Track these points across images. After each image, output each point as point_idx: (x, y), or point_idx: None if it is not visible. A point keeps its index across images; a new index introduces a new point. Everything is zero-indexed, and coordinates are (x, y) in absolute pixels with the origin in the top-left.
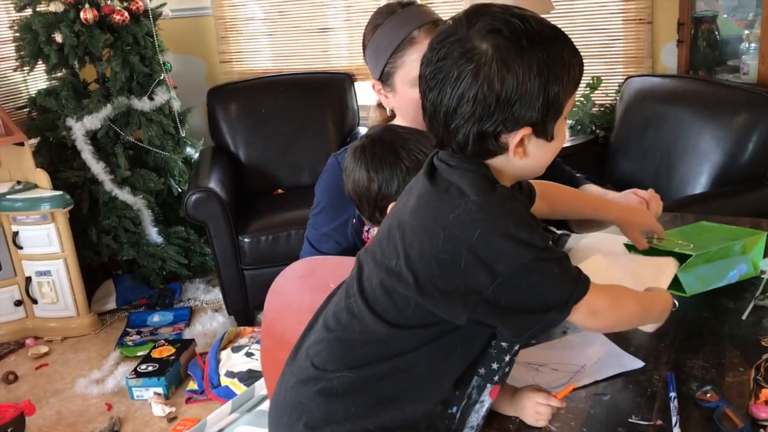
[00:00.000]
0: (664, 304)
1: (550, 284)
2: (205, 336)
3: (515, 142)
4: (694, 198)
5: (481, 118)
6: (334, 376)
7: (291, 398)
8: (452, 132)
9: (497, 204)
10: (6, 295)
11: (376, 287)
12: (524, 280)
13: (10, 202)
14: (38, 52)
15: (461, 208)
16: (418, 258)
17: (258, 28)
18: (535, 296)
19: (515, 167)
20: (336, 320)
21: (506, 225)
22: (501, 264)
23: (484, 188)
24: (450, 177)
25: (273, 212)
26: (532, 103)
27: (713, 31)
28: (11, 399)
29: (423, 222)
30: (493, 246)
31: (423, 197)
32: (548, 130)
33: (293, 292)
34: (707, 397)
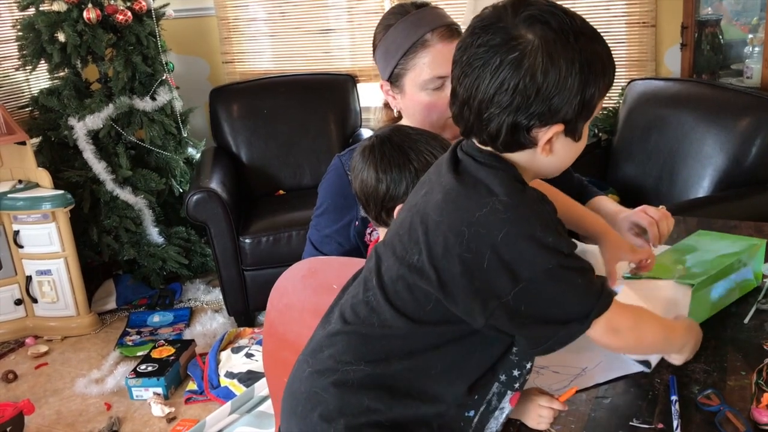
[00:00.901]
0: (687, 336)
1: (573, 294)
2: (205, 336)
3: (546, 138)
4: (697, 202)
5: (518, 109)
6: (351, 368)
7: (305, 389)
8: (485, 121)
9: (526, 206)
10: (6, 294)
11: (396, 281)
12: (546, 287)
13: (11, 201)
14: (41, 52)
15: (488, 207)
16: (441, 255)
17: (261, 29)
18: (555, 306)
19: (539, 165)
20: (354, 313)
21: (533, 228)
22: (524, 268)
23: (514, 189)
24: (477, 173)
25: (274, 213)
26: (570, 99)
27: (717, 34)
28: (10, 398)
29: (449, 219)
30: (517, 248)
31: (449, 194)
32: (578, 129)
33: (296, 292)
34: (709, 401)
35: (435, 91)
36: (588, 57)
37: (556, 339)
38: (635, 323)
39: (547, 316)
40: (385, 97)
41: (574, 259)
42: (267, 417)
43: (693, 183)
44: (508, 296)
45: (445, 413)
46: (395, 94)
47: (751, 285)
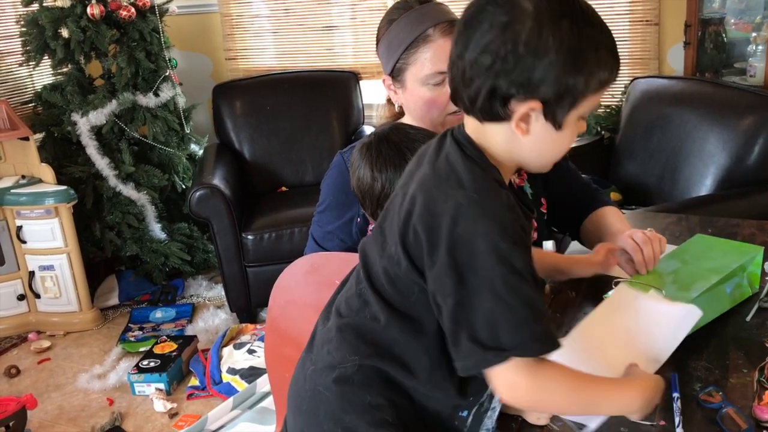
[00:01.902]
0: (636, 395)
1: (507, 319)
2: (207, 332)
3: (521, 112)
4: (699, 200)
5: (497, 73)
6: (348, 364)
7: (309, 387)
8: (467, 81)
9: (490, 206)
10: (9, 290)
11: (381, 274)
12: (483, 298)
13: (14, 196)
14: (44, 47)
15: (453, 199)
16: (413, 244)
17: (264, 26)
18: (486, 324)
19: (519, 149)
20: (348, 306)
21: (490, 229)
22: (471, 272)
23: (485, 186)
24: (455, 164)
25: (276, 210)
26: (551, 78)
27: (720, 33)
28: (13, 393)
29: (419, 208)
30: (469, 249)
31: (424, 183)
32: (558, 115)
33: (298, 288)
34: (710, 398)
35: (436, 86)
36: (581, 45)
37: (474, 362)
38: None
39: (473, 333)
40: (387, 92)
41: (524, 281)
42: (269, 413)
43: (695, 181)
44: (451, 297)
45: (441, 413)
46: (397, 89)
47: (745, 293)
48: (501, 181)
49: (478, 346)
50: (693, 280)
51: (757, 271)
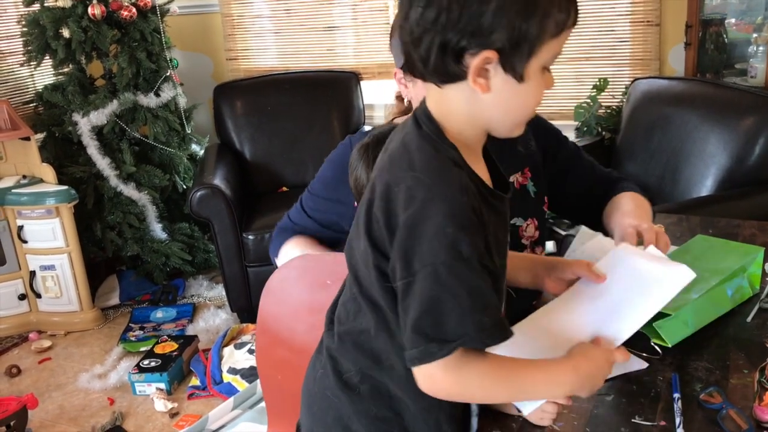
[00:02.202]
0: (557, 382)
1: (451, 308)
2: (208, 332)
3: (476, 65)
4: (700, 201)
5: (444, 26)
6: (352, 373)
7: (319, 389)
8: (415, 42)
9: (439, 187)
10: (10, 289)
11: (358, 269)
12: (427, 286)
13: (15, 196)
14: (45, 47)
15: (403, 182)
16: (377, 234)
17: (265, 26)
18: (430, 312)
19: (480, 110)
20: (345, 311)
21: (436, 212)
22: (416, 258)
23: (436, 167)
24: (409, 144)
25: (277, 210)
26: (502, 23)
27: (721, 33)
28: (14, 392)
29: (377, 191)
30: (416, 232)
31: (381, 171)
32: (517, 65)
33: (288, 290)
34: (711, 399)
35: None
36: None
37: (419, 354)
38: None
39: (418, 321)
40: (398, 86)
41: (470, 269)
42: None
43: (696, 182)
44: (400, 283)
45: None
46: (407, 83)
47: (746, 294)
48: (456, 159)
49: (422, 336)
50: (694, 281)
51: (757, 272)
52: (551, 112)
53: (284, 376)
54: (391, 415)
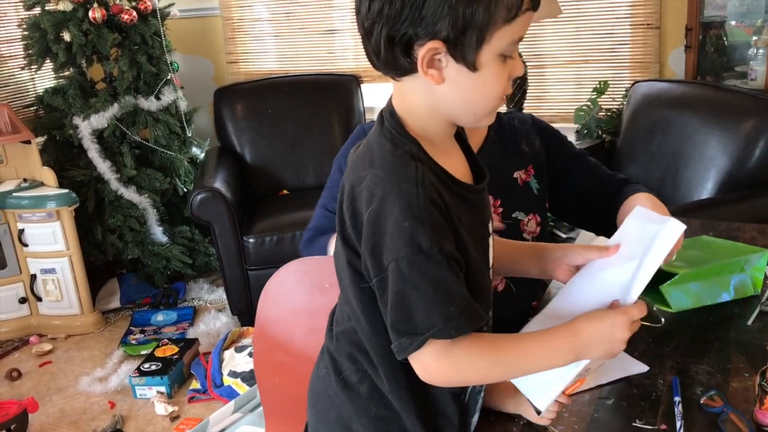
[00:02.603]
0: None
1: (417, 302)
2: (208, 335)
3: (423, 55)
4: (700, 203)
5: (388, 18)
6: (349, 372)
7: (322, 389)
8: (368, 35)
9: (394, 182)
10: (11, 293)
11: (343, 277)
12: (393, 282)
13: (16, 199)
14: (46, 51)
15: (364, 181)
16: (350, 234)
17: (265, 30)
18: (399, 308)
19: (438, 102)
20: (341, 313)
21: (392, 207)
22: (384, 254)
23: (392, 162)
24: (371, 142)
25: (278, 213)
26: (445, 11)
27: (721, 36)
28: (15, 396)
29: (345, 192)
30: (379, 227)
31: (348, 171)
32: (467, 54)
33: (286, 294)
34: (712, 402)
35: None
36: None
37: (397, 347)
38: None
39: (391, 316)
40: None
41: (431, 261)
42: None
43: (697, 185)
44: (373, 282)
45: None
46: None
47: (748, 291)
48: (414, 153)
49: (395, 331)
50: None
51: (760, 274)
52: (551, 115)
53: (282, 380)
54: (390, 415)
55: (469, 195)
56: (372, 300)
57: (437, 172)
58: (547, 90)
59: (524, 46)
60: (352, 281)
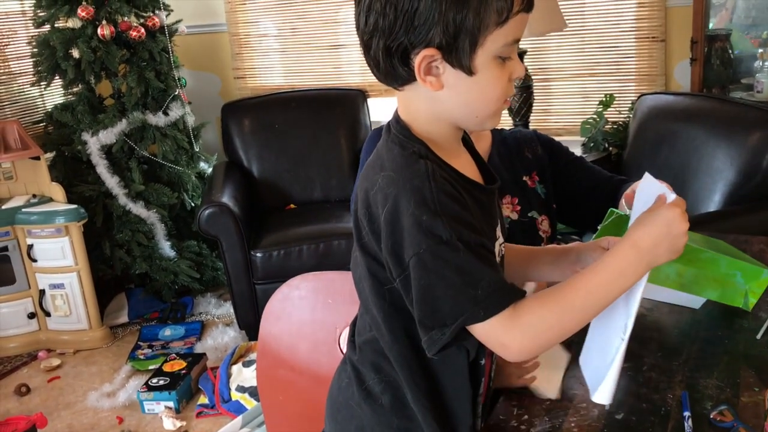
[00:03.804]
0: (627, 263)
1: (443, 292)
2: (216, 350)
3: (419, 63)
4: (707, 216)
5: (383, 30)
6: (373, 382)
7: (343, 399)
8: (367, 48)
9: (406, 180)
10: (19, 308)
11: (362, 286)
12: (418, 276)
13: (25, 215)
14: (55, 68)
15: (377, 184)
16: (367, 242)
17: (272, 45)
18: (427, 302)
19: (441, 107)
20: (362, 323)
21: (407, 204)
22: (404, 251)
23: (402, 163)
24: (382, 148)
25: (285, 227)
26: (435, 18)
27: (726, 49)
28: (23, 411)
29: (360, 206)
30: (398, 227)
31: (361, 180)
32: (462, 59)
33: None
34: (722, 417)
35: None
36: None
37: (429, 341)
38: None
39: (420, 312)
40: None
41: (453, 250)
42: None
43: (703, 197)
44: (399, 281)
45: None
46: None
47: (737, 301)
48: (421, 152)
49: (424, 327)
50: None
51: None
52: (558, 128)
53: (286, 396)
54: (412, 426)
55: (480, 195)
56: (391, 306)
57: (447, 170)
58: (553, 103)
59: (530, 60)
60: (372, 289)
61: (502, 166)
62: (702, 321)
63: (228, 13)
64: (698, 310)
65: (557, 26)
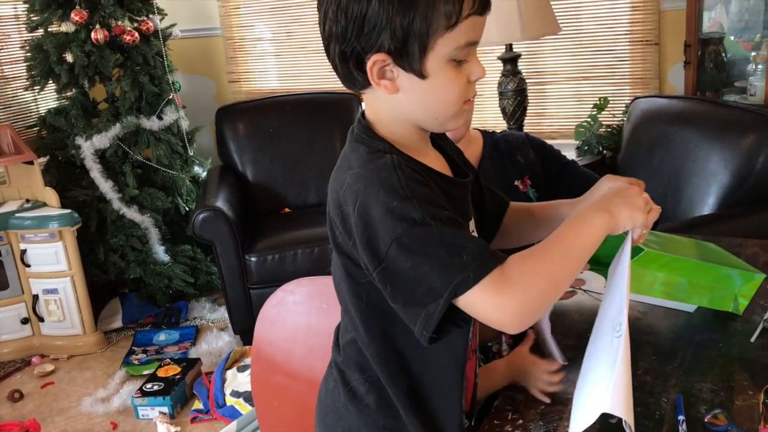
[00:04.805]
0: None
1: (431, 268)
2: (210, 355)
3: (370, 68)
4: (702, 219)
5: (337, 37)
6: (357, 382)
7: (331, 401)
8: (327, 53)
9: (373, 172)
10: (13, 313)
11: (341, 287)
12: (400, 261)
13: (18, 220)
14: (49, 72)
15: (345, 183)
16: (341, 242)
17: (266, 49)
18: (415, 282)
19: (400, 109)
20: (344, 325)
21: (377, 194)
22: (380, 242)
23: (366, 158)
24: (346, 150)
25: (280, 231)
26: (382, 24)
27: (720, 52)
28: (17, 417)
29: (332, 207)
30: (370, 220)
31: (330, 183)
32: (413, 63)
33: (283, 315)
34: (716, 421)
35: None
36: None
37: (423, 322)
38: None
39: (408, 296)
40: None
41: (427, 227)
42: None
43: (698, 201)
44: (377, 273)
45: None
46: None
47: (726, 306)
48: (386, 149)
49: (419, 306)
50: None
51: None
52: (552, 132)
53: (281, 402)
54: (398, 425)
55: (449, 187)
56: (368, 306)
57: (413, 164)
58: (547, 107)
59: (524, 63)
60: (348, 288)
61: (494, 170)
62: (696, 324)
63: (222, 17)
64: (693, 314)
65: (552, 30)
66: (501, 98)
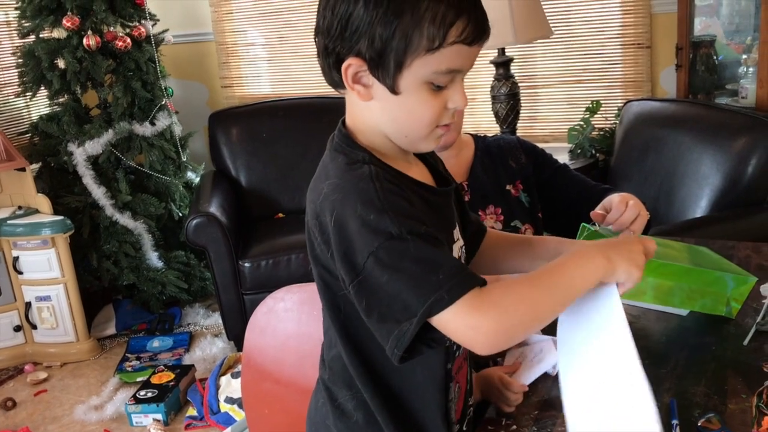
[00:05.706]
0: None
1: (405, 284)
2: (204, 361)
3: (345, 69)
4: (694, 222)
5: (323, 32)
6: (345, 398)
7: (320, 418)
8: (315, 42)
9: (350, 183)
10: (5, 321)
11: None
12: (376, 275)
13: (11, 227)
14: (41, 78)
15: (323, 192)
16: (319, 253)
17: (259, 54)
18: (389, 298)
19: (374, 118)
20: (328, 339)
21: (353, 206)
22: (356, 254)
23: (344, 169)
24: (325, 159)
25: (273, 236)
26: (363, 30)
27: (711, 55)
28: (9, 426)
29: (309, 218)
30: (347, 233)
31: (308, 193)
32: (387, 77)
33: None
34: (710, 425)
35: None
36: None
37: (395, 341)
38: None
39: (384, 312)
40: None
41: (405, 242)
42: None
43: (690, 203)
44: (352, 286)
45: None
46: None
47: (719, 310)
48: (366, 159)
49: (393, 323)
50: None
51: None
52: (544, 135)
53: (271, 410)
54: None
55: (429, 196)
56: (347, 318)
57: (393, 174)
58: (540, 110)
59: (516, 67)
60: (326, 301)
61: (485, 175)
62: (689, 328)
63: (215, 22)
64: (685, 317)
65: (544, 33)
66: (494, 102)
